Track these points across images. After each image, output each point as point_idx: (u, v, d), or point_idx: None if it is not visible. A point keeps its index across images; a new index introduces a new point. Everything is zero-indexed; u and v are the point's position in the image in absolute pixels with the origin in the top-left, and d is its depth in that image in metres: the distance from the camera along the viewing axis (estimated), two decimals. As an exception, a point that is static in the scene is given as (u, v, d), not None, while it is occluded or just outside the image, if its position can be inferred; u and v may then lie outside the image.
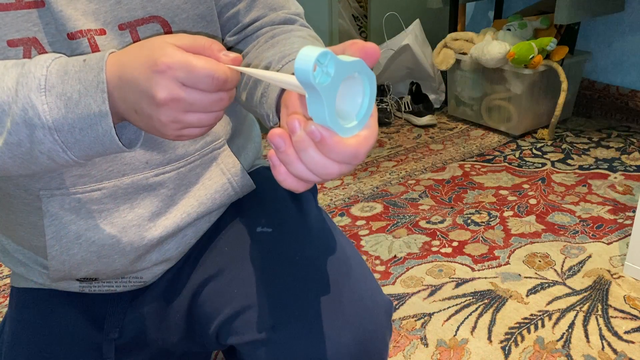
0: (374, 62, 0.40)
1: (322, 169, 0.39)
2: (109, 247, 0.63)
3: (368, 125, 0.40)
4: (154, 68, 0.44)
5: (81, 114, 0.47)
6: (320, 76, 0.36)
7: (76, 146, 0.49)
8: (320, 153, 0.38)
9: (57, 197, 0.61)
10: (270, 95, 0.54)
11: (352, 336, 0.56)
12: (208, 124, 0.48)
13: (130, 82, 0.46)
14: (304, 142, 0.38)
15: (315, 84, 0.35)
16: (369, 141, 0.40)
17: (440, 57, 2.21)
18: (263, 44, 0.63)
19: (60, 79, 0.47)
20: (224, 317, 0.61)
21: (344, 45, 0.41)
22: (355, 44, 0.40)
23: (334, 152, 0.38)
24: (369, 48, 0.39)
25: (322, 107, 0.37)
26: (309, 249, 0.63)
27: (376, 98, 0.41)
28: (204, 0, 0.61)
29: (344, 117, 0.39)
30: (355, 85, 0.39)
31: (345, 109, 0.40)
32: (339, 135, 0.38)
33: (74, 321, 0.70)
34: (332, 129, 0.37)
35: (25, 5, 0.52)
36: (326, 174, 0.39)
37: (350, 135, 0.39)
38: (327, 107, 0.36)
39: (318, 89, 0.36)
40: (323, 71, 0.36)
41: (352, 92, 0.40)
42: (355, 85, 0.39)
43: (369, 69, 0.39)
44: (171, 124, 0.46)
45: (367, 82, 0.40)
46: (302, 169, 0.39)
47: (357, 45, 0.40)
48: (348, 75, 0.38)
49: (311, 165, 0.39)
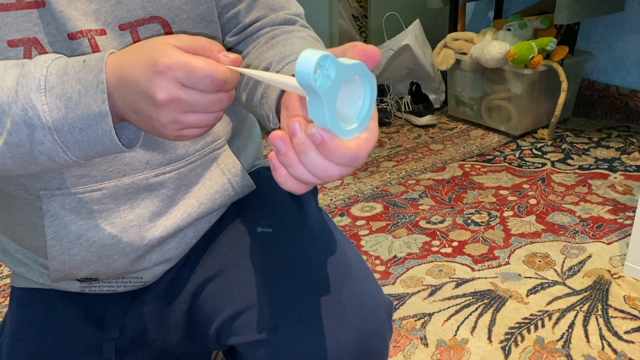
0: (374, 65, 0.40)
1: (322, 172, 0.39)
2: (109, 247, 0.63)
3: (368, 127, 0.40)
4: (154, 69, 0.44)
5: (81, 114, 0.47)
6: (321, 79, 0.36)
7: (76, 146, 0.49)
8: (321, 155, 0.38)
9: (57, 197, 0.61)
10: (270, 96, 0.54)
11: (352, 337, 0.56)
12: (208, 125, 0.48)
13: (130, 83, 0.46)
14: (305, 145, 0.38)
15: (316, 87, 0.35)
16: (369, 143, 0.40)
17: (440, 57, 2.21)
18: (263, 45, 0.63)
19: (60, 79, 0.47)
20: (224, 317, 0.61)
21: (345, 48, 0.41)
22: (355, 46, 0.40)
23: (335, 155, 0.38)
24: (370, 51, 0.39)
25: (322, 110, 0.37)
26: (310, 249, 0.63)
27: (376, 98, 0.41)
28: (205, 1, 0.61)
29: (345, 120, 0.40)
30: (356, 87, 0.40)
31: (346, 111, 0.40)
32: (340, 137, 0.38)
33: (74, 321, 0.70)
34: (332, 132, 0.37)
35: (26, 5, 0.52)
36: (327, 177, 0.39)
37: (350, 138, 0.39)
38: (327, 110, 0.37)
39: (319, 92, 0.36)
40: (324, 74, 0.36)
41: (352, 95, 0.40)
42: (356, 87, 0.40)
43: (369, 72, 0.39)
44: (171, 125, 0.46)
45: (367, 85, 0.40)
46: (303, 172, 0.39)
47: (358, 48, 0.40)
48: (349, 78, 0.38)
49: (312, 168, 0.39)
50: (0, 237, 0.73)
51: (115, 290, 0.70)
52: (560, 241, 1.44)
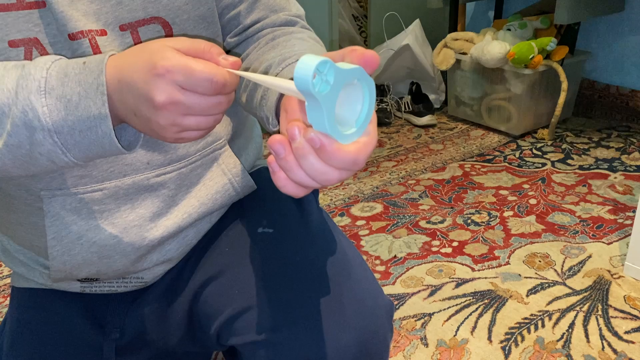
0: (373, 70, 0.40)
1: (321, 176, 0.39)
2: (110, 248, 0.63)
3: (367, 131, 0.40)
4: (153, 71, 0.44)
5: (81, 116, 0.47)
6: (319, 85, 0.36)
7: (76, 148, 0.49)
8: (320, 160, 0.39)
9: (58, 198, 0.61)
10: (270, 98, 0.54)
11: (353, 337, 0.56)
12: (207, 127, 0.48)
13: (130, 85, 0.46)
14: (304, 149, 0.38)
15: (315, 92, 0.35)
16: (368, 147, 0.40)
17: (440, 57, 2.21)
18: (264, 46, 0.63)
19: (60, 81, 0.47)
20: (224, 317, 0.61)
21: (343, 52, 0.41)
22: (354, 51, 0.40)
23: (334, 159, 0.38)
24: (369, 55, 0.40)
25: (321, 115, 0.37)
26: (310, 250, 0.63)
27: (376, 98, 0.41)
28: (205, 2, 0.61)
29: (343, 124, 0.40)
30: (355, 92, 0.39)
31: (345, 116, 0.40)
32: (339, 142, 0.38)
33: (75, 321, 0.70)
34: (332, 136, 0.38)
35: (27, 5, 0.52)
36: (326, 181, 0.39)
37: (349, 142, 0.39)
38: (326, 115, 0.37)
39: (317, 98, 0.36)
40: (322, 80, 0.36)
41: (351, 99, 0.40)
42: (355, 92, 0.39)
43: (368, 76, 0.39)
44: (170, 127, 0.46)
45: (366, 89, 0.40)
46: (302, 176, 0.40)
47: (357, 53, 0.40)
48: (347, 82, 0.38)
49: (311, 172, 0.39)
50: (1, 237, 0.73)
51: (116, 290, 0.70)
52: (560, 241, 1.44)
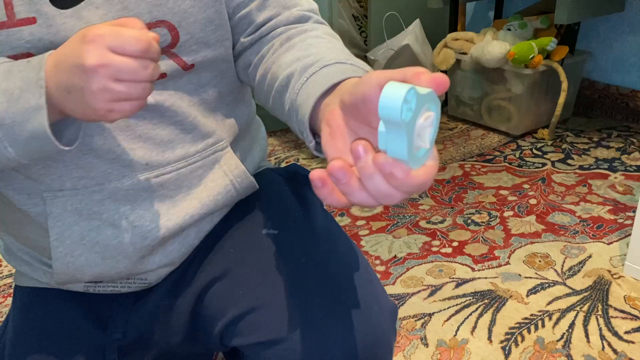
0: (442, 92, 0.38)
1: (384, 198, 0.38)
2: (112, 248, 0.64)
3: (433, 154, 0.39)
4: (84, 40, 0.47)
5: (21, 108, 0.49)
6: (404, 112, 0.35)
7: (16, 143, 0.51)
8: (387, 182, 0.37)
9: (59, 199, 0.61)
10: (300, 110, 0.53)
11: (357, 340, 0.56)
12: (137, 97, 0.49)
13: (63, 61, 0.48)
14: (370, 170, 0.37)
15: (401, 120, 0.35)
16: (434, 170, 0.39)
17: (441, 57, 2.21)
18: (279, 48, 0.63)
19: (4, 77, 0.50)
20: (228, 318, 0.61)
21: (404, 73, 0.39)
22: (421, 74, 0.38)
23: (404, 185, 0.37)
24: (439, 80, 0.37)
25: (402, 142, 0.36)
26: (315, 252, 0.64)
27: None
28: (212, 4, 0.61)
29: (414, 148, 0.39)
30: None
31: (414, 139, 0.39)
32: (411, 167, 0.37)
33: (78, 321, 0.70)
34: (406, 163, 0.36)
35: (17, 22, 0.53)
36: (387, 202, 0.38)
37: (420, 166, 0.38)
38: (407, 142, 0.36)
39: (402, 125, 0.35)
40: (407, 107, 0.35)
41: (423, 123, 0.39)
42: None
43: (438, 99, 0.38)
44: (101, 94, 0.47)
45: (435, 112, 0.39)
46: (364, 197, 0.38)
47: (426, 77, 0.37)
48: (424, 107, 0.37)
49: (375, 193, 0.38)
50: (4, 236, 0.73)
51: (119, 290, 0.70)
52: (560, 241, 1.44)
